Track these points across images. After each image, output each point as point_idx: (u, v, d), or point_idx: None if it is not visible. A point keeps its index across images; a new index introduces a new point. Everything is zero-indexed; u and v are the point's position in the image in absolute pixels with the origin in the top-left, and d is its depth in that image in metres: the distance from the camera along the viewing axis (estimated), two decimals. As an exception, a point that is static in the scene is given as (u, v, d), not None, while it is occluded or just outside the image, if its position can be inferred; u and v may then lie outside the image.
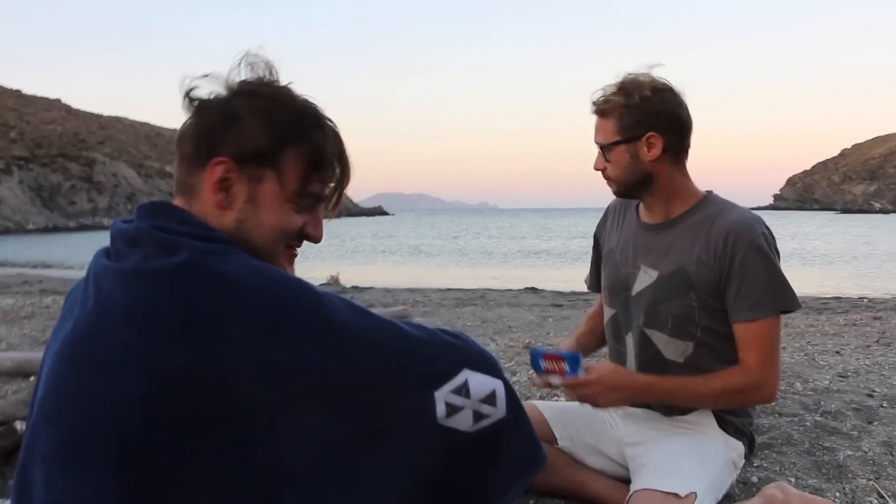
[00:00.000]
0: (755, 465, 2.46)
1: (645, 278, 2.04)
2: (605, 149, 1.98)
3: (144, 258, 1.07)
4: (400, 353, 1.09)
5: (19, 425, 3.03)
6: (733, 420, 2.06)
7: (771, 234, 1.95)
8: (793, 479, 2.36)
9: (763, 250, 1.89)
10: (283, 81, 1.21)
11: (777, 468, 2.46)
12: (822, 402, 3.27)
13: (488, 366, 1.17)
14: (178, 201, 1.17)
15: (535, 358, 1.88)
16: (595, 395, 1.84)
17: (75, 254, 32.13)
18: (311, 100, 1.21)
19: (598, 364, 1.92)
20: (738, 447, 2.04)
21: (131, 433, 0.99)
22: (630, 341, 2.09)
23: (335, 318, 1.06)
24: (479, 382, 1.14)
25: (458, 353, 1.15)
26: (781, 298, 1.90)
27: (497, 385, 1.16)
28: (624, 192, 2.04)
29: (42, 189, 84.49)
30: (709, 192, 2.05)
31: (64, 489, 1.03)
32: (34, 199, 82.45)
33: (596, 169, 2.02)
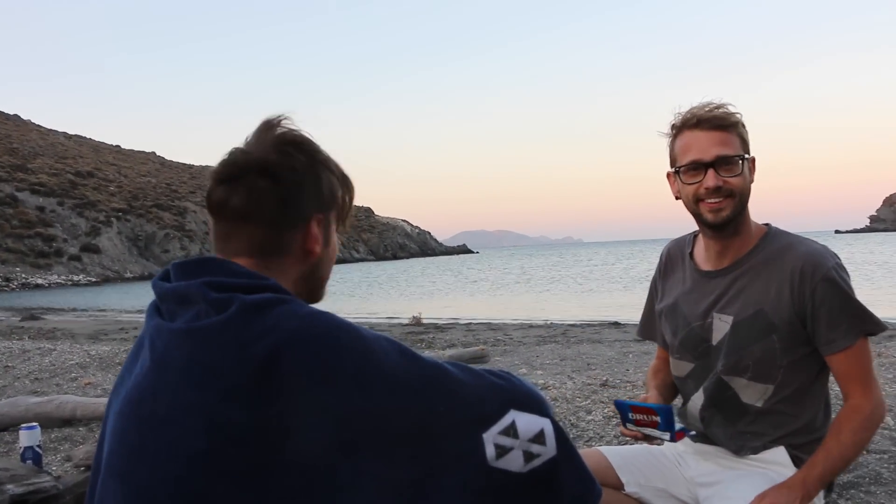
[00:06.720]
0: (840, 505, 2.36)
1: (721, 326, 1.98)
2: (733, 161, 1.87)
3: (196, 316, 1.11)
4: (446, 397, 1.11)
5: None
6: (807, 458, 1.98)
7: (842, 264, 1.93)
8: (881, 520, 2.25)
9: (838, 281, 1.87)
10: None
11: (864, 508, 2.36)
12: (916, 438, 3.12)
13: (535, 405, 1.18)
14: (243, 261, 1.19)
15: (624, 411, 1.95)
16: None
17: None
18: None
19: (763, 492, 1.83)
20: (815, 485, 1.96)
21: (197, 488, 1.04)
22: (700, 389, 2.05)
23: (383, 363, 1.09)
24: (527, 422, 1.15)
25: (504, 394, 1.16)
26: (866, 322, 1.89)
27: (545, 424, 1.17)
28: (736, 214, 1.90)
29: (138, 239, 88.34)
30: (768, 226, 2.01)
31: None
32: (131, 249, 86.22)
33: (711, 187, 1.86)
